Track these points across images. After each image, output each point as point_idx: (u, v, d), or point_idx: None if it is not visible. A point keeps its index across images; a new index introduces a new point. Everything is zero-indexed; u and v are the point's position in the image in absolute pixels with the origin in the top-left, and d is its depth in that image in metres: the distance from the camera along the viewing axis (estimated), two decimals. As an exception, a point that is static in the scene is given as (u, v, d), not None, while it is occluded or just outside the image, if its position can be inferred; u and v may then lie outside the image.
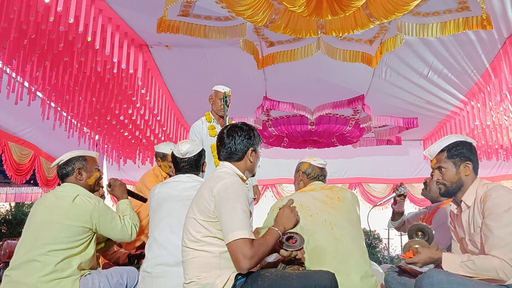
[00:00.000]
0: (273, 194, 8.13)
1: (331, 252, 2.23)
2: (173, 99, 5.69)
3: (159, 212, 2.47)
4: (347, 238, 2.28)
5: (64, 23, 3.33)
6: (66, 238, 2.30)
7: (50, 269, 2.23)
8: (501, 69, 4.41)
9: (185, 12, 3.77)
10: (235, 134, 2.09)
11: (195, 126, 3.71)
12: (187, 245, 1.95)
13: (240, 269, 1.81)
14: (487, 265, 1.87)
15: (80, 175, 2.53)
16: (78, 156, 2.57)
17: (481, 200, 2.01)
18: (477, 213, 2.04)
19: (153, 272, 2.32)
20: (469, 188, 2.11)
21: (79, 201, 2.39)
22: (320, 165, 2.64)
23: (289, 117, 6.23)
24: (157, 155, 3.75)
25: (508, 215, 1.90)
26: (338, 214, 2.35)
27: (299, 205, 2.34)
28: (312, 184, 2.58)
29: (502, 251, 1.86)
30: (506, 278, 1.86)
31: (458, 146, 2.15)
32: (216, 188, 1.92)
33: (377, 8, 3.32)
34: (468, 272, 1.91)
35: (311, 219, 2.31)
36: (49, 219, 2.34)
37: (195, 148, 2.61)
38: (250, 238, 1.82)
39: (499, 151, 6.34)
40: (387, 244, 34.70)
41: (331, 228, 2.29)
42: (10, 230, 19.09)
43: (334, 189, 2.50)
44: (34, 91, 4.40)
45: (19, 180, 5.50)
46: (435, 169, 2.19)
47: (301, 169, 2.67)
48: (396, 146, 7.12)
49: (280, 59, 4.42)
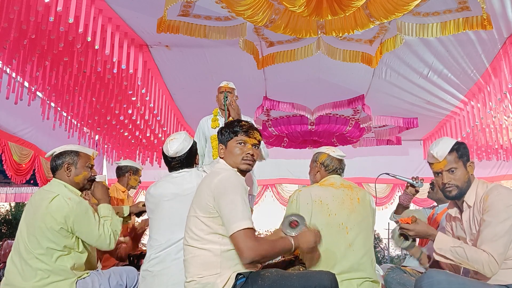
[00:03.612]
0: (273, 194, 8.13)
1: (341, 258, 2.20)
2: (173, 99, 5.69)
3: (157, 212, 2.48)
4: (360, 245, 2.25)
5: (64, 23, 3.33)
6: (50, 240, 2.24)
7: (42, 273, 2.21)
8: (501, 69, 4.40)
9: (185, 12, 3.76)
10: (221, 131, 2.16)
11: (200, 122, 3.72)
12: (189, 244, 1.96)
13: (243, 259, 1.82)
14: (475, 257, 1.89)
15: (68, 171, 2.41)
16: (71, 150, 2.46)
17: (482, 199, 2.02)
18: (477, 212, 2.04)
19: (154, 271, 2.33)
20: (470, 188, 2.11)
21: (56, 202, 2.27)
22: (339, 156, 2.53)
23: (289, 117, 6.23)
24: (130, 169, 3.97)
25: (506, 212, 1.92)
26: (356, 217, 2.29)
27: (319, 201, 2.29)
28: (331, 178, 2.46)
29: (492, 246, 1.87)
30: (491, 273, 1.88)
31: (462, 145, 2.13)
32: (213, 183, 1.93)
33: (377, 8, 3.32)
34: (455, 257, 1.93)
35: (328, 219, 2.26)
36: (33, 222, 2.29)
37: (184, 146, 2.55)
38: (252, 228, 1.85)
39: (499, 151, 6.34)
40: (387, 244, 34.71)
41: (346, 232, 2.24)
42: (10, 230, 19.10)
43: (354, 189, 2.41)
44: (34, 91, 4.39)
45: (19, 180, 5.50)
46: (445, 170, 2.10)
47: (319, 159, 2.53)
48: (396, 146, 7.11)
49: (280, 59, 4.42)
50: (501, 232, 1.89)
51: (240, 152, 2.07)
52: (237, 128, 2.11)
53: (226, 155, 2.11)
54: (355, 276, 2.20)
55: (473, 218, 2.07)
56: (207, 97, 3.72)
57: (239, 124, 2.14)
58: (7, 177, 5.57)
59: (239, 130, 2.10)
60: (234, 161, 2.08)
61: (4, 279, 2.29)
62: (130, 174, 3.97)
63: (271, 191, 8.13)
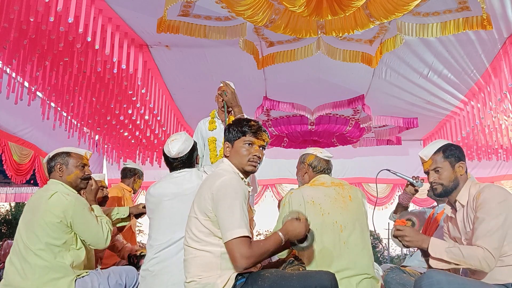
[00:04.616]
0: (273, 194, 8.13)
1: (338, 256, 2.21)
2: (173, 99, 5.69)
3: (157, 212, 2.48)
4: (355, 242, 2.26)
5: (64, 23, 3.33)
6: (49, 235, 2.28)
7: (41, 270, 2.22)
8: (501, 69, 4.40)
9: (185, 12, 3.76)
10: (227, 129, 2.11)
11: (198, 124, 3.71)
12: (189, 244, 1.95)
13: (237, 268, 1.81)
14: (471, 254, 1.90)
15: (60, 171, 2.48)
16: (62, 152, 2.53)
17: (474, 198, 2.05)
18: (470, 211, 2.07)
19: (154, 271, 2.33)
20: (462, 188, 2.15)
21: (55, 198, 2.34)
22: (326, 157, 2.54)
23: (289, 117, 6.23)
24: (137, 172, 4.13)
25: (499, 208, 1.94)
26: (349, 215, 2.31)
27: (311, 202, 2.29)
28: (321, 177, 2.47)
29: (487, 241, 1.89)
30: (488, 268, 1.88)
31: (451, 147, 2.21)
32: (215, 186, 1.91)
33: (377, 8, 3.32)
34: (452, 258, 1.94)
35: (322, 219, 2.26)
36: (32, 219, 2.32)
37: (186, 147, 2.55)
38: (248, 236, 1.82)
39: (499, 151, 6.34)
40: (387, 244, 34.68)
41: (340, 231, 2.25)
42: (10, 230, 19.08)
43: (345, 187, 2.42)
44: (34, 91, 4.39)
45: (19, 180, 5.50)
46: (431, 170, 2.21)
47: (306, 161, 2.55)
48: (396, 146, 7.10)
49: (280, 59, 4.42)
50: (495, 227, 1.91)
51: (247, 153, 2.03)
52: (245, 128, 2.05)
53: (231, 155, 2.06)
54: (353, 273, 2.20)
55: (467, 217, 2.10)
56: (207, 97, 3.72)
57: (248, 123, 2.07)
58: (7, 177, 5.56)
59: (248, 131, 2.04)
60: (239, 162, 2.03)
61: (3, 280, 2.30)
62: (137, 177, 4.13)
63: (271, 191, 8.12)
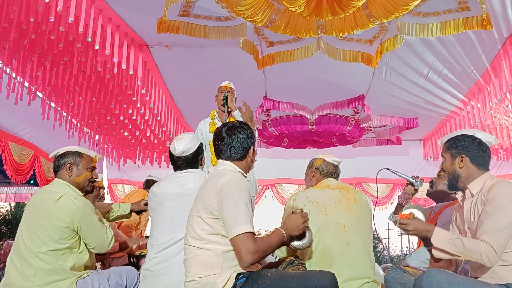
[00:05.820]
0: (273, 194, 8.13)
1: (339, 256, 2.22)
2: (173, 99, 5.69)
3: (159, 211, 2.48)
4: (357, 243, 2.27)
5: (64, 23, 3.33)
6: (54, 239, 2.26)
7: (42, 273, 2.22)
8: (501, 69, 4.40)
9: (185, 12, 3.76)
10: (237, 133, 2.08)
11: (198, 125, 3.71)
12: (190, 243, 1.96)
13: (242, 263, 1.83)
14: (474, 247, 1.89)
15: (70, 171, 2.45)
16: (74, 151, 2.51)
17: (486, 190, 2.03)
18: (479, 202, 2.06)
19: (154, 270, 2.33)
20: (477, 179, 2.12)
21: (62, 201, 2.31)
22: (334, 162, 2.61)
23: (289, 117, 6.23)
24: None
25: (510, 206, 1.92)
26: (353, 216, 2.33)
27: (316, 202, 2.32)
28: (327, 181, 2.53)
29: (492, 237, 1.88)
30: (489, 264, 1.88)
31: (459, 139, 2.19)
32: (219, 184, 1.93)
33: (377, 8, 3.32)
34: (454, 250, 1.94)
35: (326, 219, 2.29)
36: (35, 221, 2.30)
37: (191, 146, 2.56)
38: (253, 232, 1.85)
39: (499, 151, 6.34)
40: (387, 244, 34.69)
41: (344, 231, 2.27)
42: (10, 230, 19.08)
43: (350, 190, 2.46)
44: (34, 91, 4.39)
45: (19, 180, 5.50)
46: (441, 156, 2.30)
47: (314, 165, 2.62)
48: (396, 146, 7.11)
49: (280, 59, 4.42)
50: (503, 224, 1.89)
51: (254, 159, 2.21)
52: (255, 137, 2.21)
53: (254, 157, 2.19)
54: (353, 275, 2.20)
55: (474, 207, 2.08)
56: (207, 97, 3.72)
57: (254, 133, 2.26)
58: (7, 177, 5.57)
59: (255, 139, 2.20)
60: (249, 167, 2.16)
61: (4, 279, 2.29)
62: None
63: (271, 191, 8.13)
